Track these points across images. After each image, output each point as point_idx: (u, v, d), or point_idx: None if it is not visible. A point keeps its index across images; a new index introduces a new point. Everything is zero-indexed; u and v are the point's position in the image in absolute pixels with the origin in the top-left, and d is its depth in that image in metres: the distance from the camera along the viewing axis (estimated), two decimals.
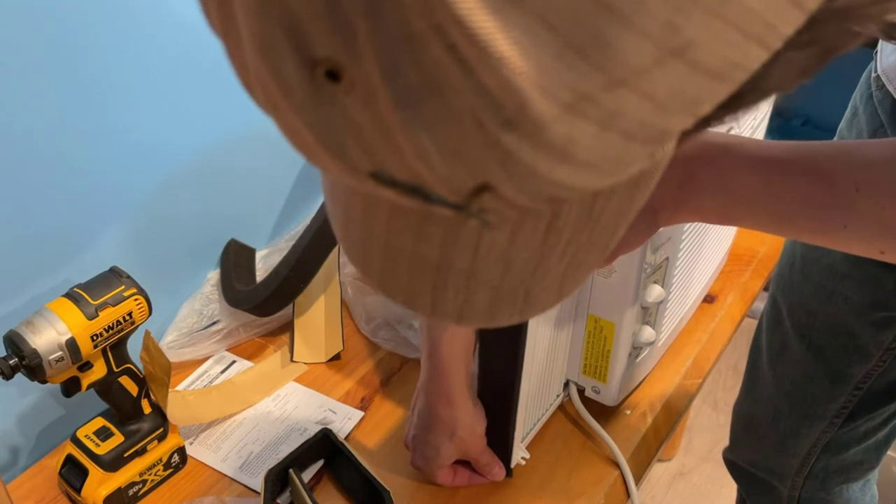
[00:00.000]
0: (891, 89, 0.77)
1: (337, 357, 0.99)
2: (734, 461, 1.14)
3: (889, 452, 1.07)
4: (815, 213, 0.54)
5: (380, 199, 0.27)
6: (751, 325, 1.08)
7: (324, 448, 0.85)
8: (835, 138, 0.91)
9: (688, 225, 0.82)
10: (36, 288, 0.83)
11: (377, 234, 0.30)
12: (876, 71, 0.80)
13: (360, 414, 0.91)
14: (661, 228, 0.62)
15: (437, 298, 0.30)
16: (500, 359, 0.75)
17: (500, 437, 0.81)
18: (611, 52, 0.20)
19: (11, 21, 0.72)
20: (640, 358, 0.88)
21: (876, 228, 0.52)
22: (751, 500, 1.16)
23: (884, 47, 0.79)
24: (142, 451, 0.82)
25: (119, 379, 0.78)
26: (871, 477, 1.08)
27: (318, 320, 1.01)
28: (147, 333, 0.78)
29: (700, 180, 0.57)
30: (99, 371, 0.76)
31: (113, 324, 0.74)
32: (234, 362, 0.98)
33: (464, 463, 0.82)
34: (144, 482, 0.83)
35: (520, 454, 0.84)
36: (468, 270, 0.29)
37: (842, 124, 0.89)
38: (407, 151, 0.22)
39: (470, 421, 0.78)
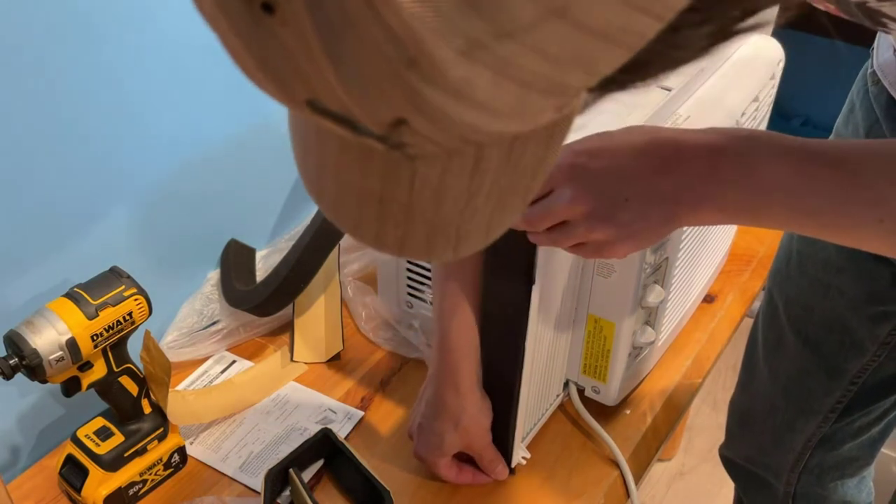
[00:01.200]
0: (886, 84, 0.77)
1: (337, 357, 0.99)
2: (730, 458, 1.14)
3: (888, 452, 1.07)
4: (845, 208, 0.53)
5: (330, 133, 0.30)
6: (750, 324, 1.08)
7: (324, 448, 0.85)
8: (831, 135, 0.91)
9: None
10: (36, 288, 0.83)
11: (329, 166, 0.33)
12: (872, 67, 0.81)
13: (360, 414, 0.91)
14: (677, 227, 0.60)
15: (380, 230, 0.34)
16: (501, 358, 0.75)
17: (500, 436, 0.81)
18: (499, 7, 0.23)
19: (14, 16, 0.72)
20: (639, 358, 0.88)
21: None
22: (747, 497, 1.16)
23: (880, 44, 0.80)
24: (142, 451, 0.82)
25: (119, 379, 0.78)
26: (867, 474, 1.08)
27: (318, 320, 1.01)
28: (147, 333, 0.78)
29: (725, 171, 0.56)
30: (99, 371, 0.76)
31: (113, 324, 0.74)
32: (234, 362, 0.98)
33: (468, 461, 0.82)
34: (144, 482, 0.83)
35: (520, 454, 0.84)
36: (406, 204, 0.32)
37: (838, 120, 0.90)
38: (333, 82, 0.25)
39: (476, 411, 0.77)
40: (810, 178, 0.53)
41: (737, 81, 0.88)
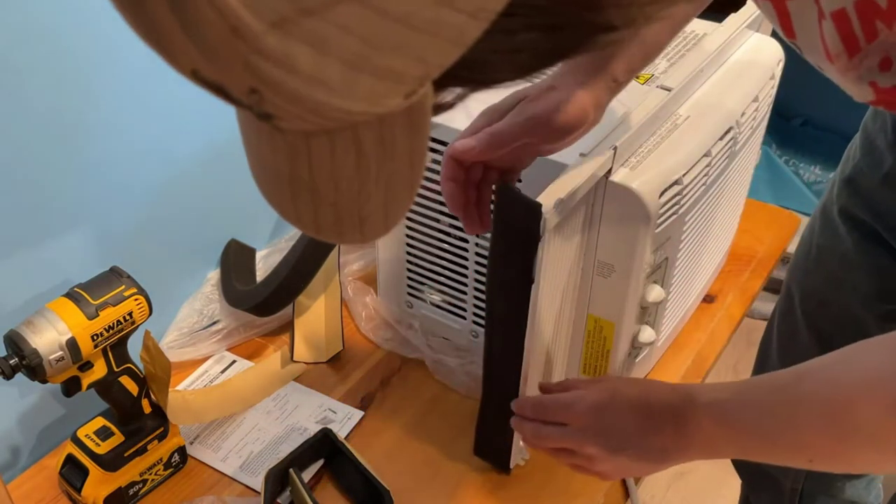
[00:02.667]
0: None
1: (337, 357, 0.99)
2: None
3: None
4: (777, 455, 0.64)
5: (246, 116, 0.34)
6: (750, 324, 1.08)
7: (324, 448, 0.85)
8: (859, 131, 0.91)
9: (687, 224, 0.82)
10: (36, 288, 0.83)
11: (252, 148, 0.37)
12: None
13: (360, 414, 0.91)
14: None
15: (297, 210, 0.37)
16: (501, 358, 0.75)
17: (500, 436, 0.81)
18: None
19: (13, 20, 0.72)
20: (639, 358, 0.88)
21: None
22: (754, 495, 1.16)
23: None
24: (142, 451, 0.82)
25: (119, 379, 0.78)
26: (876, 475, 1.08)
27: (318, 320, 1.01)
28: (147, 333, 0.78)
29: (686, 429, 0.65)
30: (99, 371, 0.76)
31: (113, 323, 0.74)
32: (234, 362, 0.98)
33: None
34: (145, 482, 0.83)
35: (520, 455, 0.84)
36: (309, 183, 0.35)
37: (867, 116, 0.90)
38: (193, 50, 0.27)
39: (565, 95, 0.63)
40: (746, 438, 0.63)
41: (737, 81, 0.88)
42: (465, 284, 0.91)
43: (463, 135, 0.67)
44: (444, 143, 0.82)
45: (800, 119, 2.14)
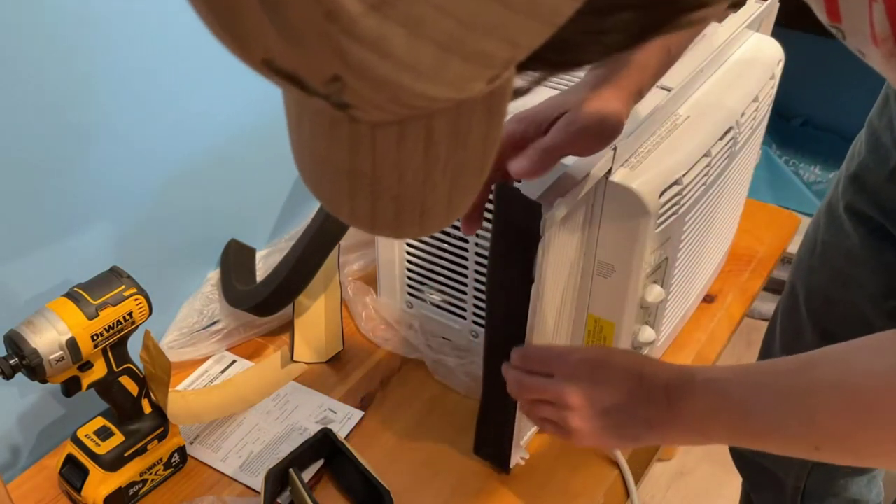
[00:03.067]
0: None
1: (337, 357, 0.99)
2: (740, 451, 1.14)
3: None
4: (784, 441, 0.60)
5: (305, 107, 0.33)
6: (750, 325, 1.08)
7: (324, 448, 0.85)
8: (864, 128, 0.91)
9: (687, 224, 0.82)
10: (36, 288, 0.83)
11: (306, 141, 0.36)
12: None
13: (360, 414, 0.91)
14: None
15: (352, 204, 0.36)
16: (502, 358, 0.75)
17: (500, 436, 0.81)
18: None
19: (13, 18, 0.72)
20: None
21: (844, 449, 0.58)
22: (755, 493, 1.15)
23: None
24: (142, 451, 0.82)
25: (119, 379, 0.78)
26: (877, 473, 1.08)
27: (318, 320, 1.01)
28: (147, 333, 0.78)
29: (679, 411, 0.64)
30: (99, 371, 0.76)
31: (113, 323, 0.74)
32: (234, 362, 0.98)
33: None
34: (145, 482, 0.83)
35: (519, 454, 0.84)
36: (371, 176, 0.34)
37: (872, 112, 0.90)
38: (274, 37, 0.27)
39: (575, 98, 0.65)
40: (745, 420, 0.61)
41: (736, 81, 0.88)
42: (465, 284, 0.91)
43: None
44: None
45: (800, 119, 2.14)
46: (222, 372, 0.97)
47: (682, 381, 0.63)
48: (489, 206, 0.73)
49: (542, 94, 0.67)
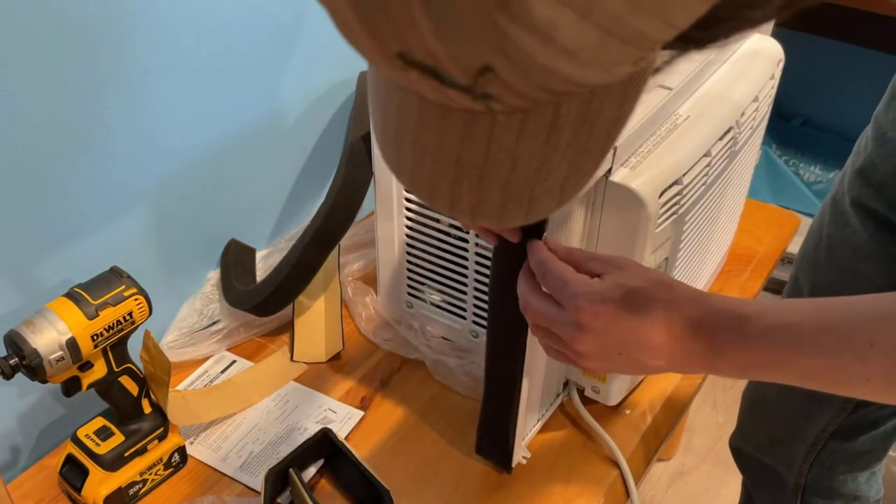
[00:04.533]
0: None
1: (337, 357, 0.99)
2: (740, 448, 1.14)
3: (890, 453, 1.07)
4: (834, 375, 0.54)
5: (411, 95, 0.32)
6: None
7: (324, 448, 0.85)
8: (871, 123, 0.91)
9: (687, 224, 0.82)
10: (36, 288, 0.83)
11: (408, 131, 0.34)
12: None
13: (360, 414, 0.91)
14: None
15: (454, 195, 0.35)
16: (502, 358, 0.75)
17: (500, 436, 0.81)
18: None
19: (11, 21, 0.72)
20: None
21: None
22: (756, 490, 1.15)
23: None
24: (142, 451, 0.82)
25: (119, 379, 0.78)
26: (878, 469, 1.08)
27: (318, 320, 1.01)
28: (147, 333, 0.78)
29: (723, 351, 0.57)
30: (99, 371, 0.76)
31: (113, 323, 0.74)
32: (234, 362, 0.98)
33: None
34: (145, 482, 0.83)
35: (521, 453, 0.84)
36: (481, 167, 0.33)
37: (878, 108, 0.90)
38: (425, 28, 0.26)
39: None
40: (798, 353, 0.55)
41: (736, 81, 0.88)
42: (465, 284, 0.91)
43: None
44: None
45: (800, 119, 2.14)
46: (222, 372, 0.97)
47: (730, 328, 0.57)
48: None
49: None
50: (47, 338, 0.71)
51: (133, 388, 0.80)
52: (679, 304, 0.59)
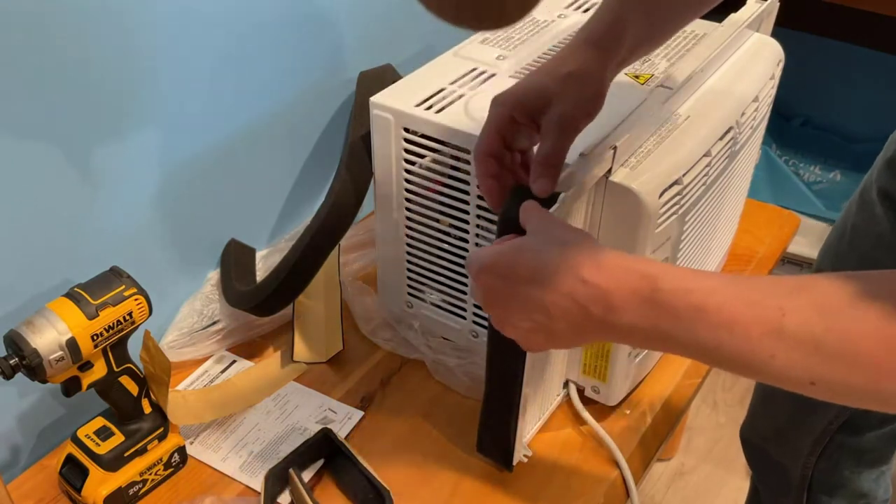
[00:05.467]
0: None
1: (337, 357, 0.99)
2: (749, 439, 1.14)
3: None
4: (739, 344, 0.52)
5: None
6: None
7: (324, 448, 0.85)
8: None
9: (688, 224, 0.82)
10: (36, 288, 0.83)
11: None
12: None
13: (360, 414, 0.91)
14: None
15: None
16: (502, 358, 0.75)
17: (501, 436, 0.81)
18: None
19: (7, 25, 0.72)
20: (639, 358, 0.88)
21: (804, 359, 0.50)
22: (762, 484, 1.16)
23: None
24: (142, 451, 0.82)
25: (119, 379, 0.78)
26: (886, 469, 1.08)
27: (318, 320, 1.01)
28: (147, 333, 0.78)
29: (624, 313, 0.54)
30: (99, 371, 0.76)
31: (113, 323, 0.74)
32: (234, 362, 0.98)
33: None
34: (145, 482, 0.83)
35: (522, 452, 0.84)
36: None
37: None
38: None
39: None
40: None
41: (737, 81, 0.88)
42: (465, 284, 0.91)
43: (485, 134, 0.68)
44: (445, 144, 0.82)
45: (800, 119, 2.14)
46: (222, 372, 0.97)
47: (639, 298, 0.53)
48: (481, 202, 0.74)
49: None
50: (47, 338, 0.71)
51: (133, 388, 0.80)
52: (576, 266, 0.55)
